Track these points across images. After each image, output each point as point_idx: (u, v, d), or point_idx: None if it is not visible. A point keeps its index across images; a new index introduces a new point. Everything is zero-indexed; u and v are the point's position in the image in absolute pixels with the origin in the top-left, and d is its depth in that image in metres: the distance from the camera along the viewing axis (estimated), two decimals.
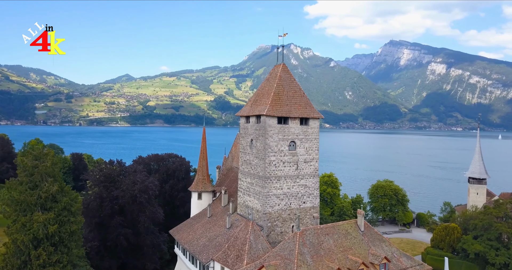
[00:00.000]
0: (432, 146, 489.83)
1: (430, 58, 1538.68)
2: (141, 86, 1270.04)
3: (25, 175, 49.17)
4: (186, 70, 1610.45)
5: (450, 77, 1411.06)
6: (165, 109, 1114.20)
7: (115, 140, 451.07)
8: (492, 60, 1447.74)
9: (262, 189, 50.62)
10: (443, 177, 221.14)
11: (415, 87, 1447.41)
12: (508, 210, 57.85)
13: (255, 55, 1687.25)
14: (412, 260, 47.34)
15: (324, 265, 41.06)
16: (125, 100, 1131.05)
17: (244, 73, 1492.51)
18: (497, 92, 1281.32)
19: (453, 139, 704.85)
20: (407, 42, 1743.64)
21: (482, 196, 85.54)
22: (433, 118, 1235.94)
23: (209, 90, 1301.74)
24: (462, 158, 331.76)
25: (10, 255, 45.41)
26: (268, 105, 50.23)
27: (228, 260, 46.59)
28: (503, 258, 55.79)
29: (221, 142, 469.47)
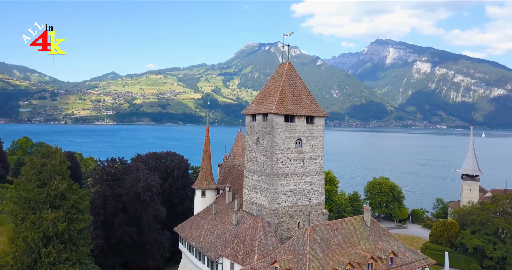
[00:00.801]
0: (418, 144, 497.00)
1: (416, 57, 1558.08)
2: (127, 84, 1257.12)
3: (33, 173, 49.16)
4: (173, 67, 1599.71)
5: (435, 76, 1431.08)
6: (152, 107, 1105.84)
7: (104, 139, 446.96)
8: (475, 59, 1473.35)
9: (270, 186, 51.41)
10: (433, 174, 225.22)
11: (400, 85, 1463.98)
12: (505, 205, 59.73)
13: (242, 53, 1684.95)
14: (417, 254, 48.73)
15: (335, 259, 42.06)
16: (111, 98, 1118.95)
17: (231, 71, 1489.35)
18: (480, 91, 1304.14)
19: (438, 137, 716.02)
20: (393, 41, 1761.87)
21: (475, 192, 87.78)
22: (418, 116, 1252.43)
23: (196, 88, 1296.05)
24: (449, 156, 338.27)
25: (21, 253, 45.42)
26: (275, 103, 50.97)
27: (238, 256, 47.28)
28: (501, 251, 57.65)
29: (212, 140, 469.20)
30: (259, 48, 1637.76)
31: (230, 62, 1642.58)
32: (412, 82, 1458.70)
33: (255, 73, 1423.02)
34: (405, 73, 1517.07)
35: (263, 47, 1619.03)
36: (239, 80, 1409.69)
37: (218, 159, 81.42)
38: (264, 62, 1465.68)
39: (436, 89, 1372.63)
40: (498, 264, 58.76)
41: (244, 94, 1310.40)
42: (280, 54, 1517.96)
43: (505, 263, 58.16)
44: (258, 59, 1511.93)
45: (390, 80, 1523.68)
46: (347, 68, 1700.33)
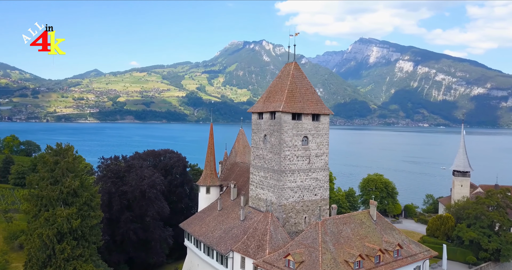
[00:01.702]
0: (402, 142, 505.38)
1: (398, 56, 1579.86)
2: (110, 82, 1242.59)
3: (46, 171, 49.73)
4: (157, 65, 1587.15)
5: (417, 74, 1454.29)
6: (136, 105, 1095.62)
7: (89, 137, 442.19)
8: (456, 59, 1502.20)
9: (278, 182, 52.90)
10: (420, 171, 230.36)
11: (383, 84, 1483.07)
12: (499, 199, 62.54)
13: (227, 51, 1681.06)
14: (420, 246, 50.97)
15: (345, 252, 43.85)
16: (94, 96, 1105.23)
17: (216, 69, 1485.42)
18: (461, 89, 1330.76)
19: (422, 135, 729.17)
20: (376, 40, 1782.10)
21: (466, 188, 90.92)
22: (401, 114, 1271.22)
23: (180, 86, 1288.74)
24: (433, 153, 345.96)
25: (36, 250, 45.95)
26: (283, 102, 52.43)
27: (249, 250, 48.66)
28: (495, 244, 60.42)
29: (198, 138, 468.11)
30: (243, 46, 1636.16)
31: (215, 60, 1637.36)
32: (395, 80, 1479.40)
33: (240, 71, 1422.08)
34: (388, 71, 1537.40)
35: (248, 45, 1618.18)
36: (224, 78, 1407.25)
37: (219, 157, 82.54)
38: (249, 60, 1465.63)
39: (419, 88, 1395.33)
40: (492, 255, 61.59)
41: (229, 92, 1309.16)
42: (265, 52, 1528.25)
43: (499, 255, 61.01)
44: (243, 57, 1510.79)
45: (374, 78, 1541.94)
46: (331, 66, 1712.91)
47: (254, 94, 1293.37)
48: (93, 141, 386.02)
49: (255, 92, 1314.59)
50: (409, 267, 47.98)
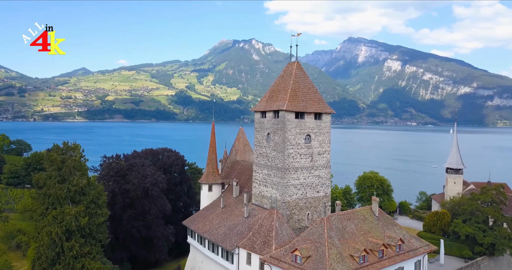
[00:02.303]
0: (392, 140, 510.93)
1: (387, 55, 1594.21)
2: (99, 80, 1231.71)
3: (53, 169, 50.15)
4: (146, 64, 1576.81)
5: (405, 73, 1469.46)
6: (125, 103, 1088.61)
7: (80, 136, 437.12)
8: (443, 58, 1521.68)
9: (281, 179, 53.99)
10: (411, 169, 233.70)
11: (372, 83, 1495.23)
12: (494, 196, 64.53)
13: (216, 50, 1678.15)
14: (421, 241, 52.55)
15: (350, 246, 45.14)
16: (82, 95, 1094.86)
17: (205, 68, 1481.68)
18: (448, 88, 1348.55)
19: (410, 134, 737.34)
20: (365, 39, 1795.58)
21: (459, 185, 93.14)
22: (389, 113, 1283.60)
23: (169, 85, 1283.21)
24: (422, 152, 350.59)
25: (45, 247, 46.41)
26: (287, 101, 53.51)
27: (255, 246, 49.67)
28: (490, 238, 62.39)
29: (189, 137, 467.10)
30: (233, 44, 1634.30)
31: (204, 58, 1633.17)
32: (383, 79, 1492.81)
33: (230, 69, 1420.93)
34: (377, 71, 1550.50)
35: (237, 44, 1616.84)
36: (214, 77, 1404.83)
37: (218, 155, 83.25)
38: (238, 59, 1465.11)
39: (406, 87, 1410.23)
40: (487, 250, 63.56)
41: (218, 91, 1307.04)
42: (255, 51, 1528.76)
43: (494, 249, 63.00)
44: (232, 55, 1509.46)
45: (362, 77, 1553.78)
46: (320, 65, 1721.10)
47: (244, 93, 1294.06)
48: (84, 140, 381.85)
49: (245, 91, 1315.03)
50: (410, 261, 49.51)
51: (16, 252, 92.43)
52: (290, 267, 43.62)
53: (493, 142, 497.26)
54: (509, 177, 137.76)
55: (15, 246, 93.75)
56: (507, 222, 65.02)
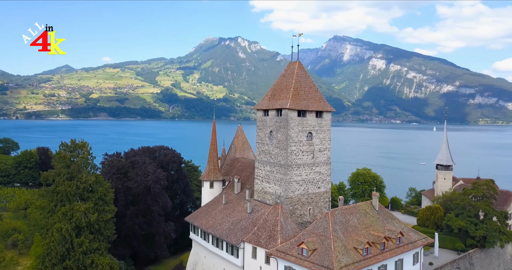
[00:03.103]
0: (378, 138, 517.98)
1: (371, 53, 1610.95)
2: (83, 78, 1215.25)
3: (62, 167, 50.86)
4: (131, 61, 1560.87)
5: (390, 72, 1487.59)
6: (109, 101, 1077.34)
7: (66, 135, 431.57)
8: (427, 57, 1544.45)
9: (284, 176, 55.58)
10: (399, 166, 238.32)
11: (357, 81, 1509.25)
12: (485, 190, 67.30)
13: (202, 47, 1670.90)
14: (418, 234, 54.83)
15: (354, 239, 47.02)
16: (66, 92, 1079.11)
17: (191, 65, 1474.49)
18: (431, 87, 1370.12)
19: (395, 131, 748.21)
20: (350, 38, 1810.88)
21: (448, 181, 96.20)
22: (374, 111, 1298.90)
23: (155, 82, 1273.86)
24: (408, 149, 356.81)
25: (56, 243, 47.22)
26: (290, 99, 55.07)
27: (260, 241, 51.18)
28: (482, 231, 65.16)
29: (176, 136, 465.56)
30: (219, 42, 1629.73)
31: (190, 56, 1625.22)
32: (368, 78, 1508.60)
33: (216, 67, 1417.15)
34: (362, 69, 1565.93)
35: (223, 41, 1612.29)
36: (199, 75, 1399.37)
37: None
38: (224, 57, 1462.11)
39: (391, 85, 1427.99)
40: (479, 242, 66.37)
41: (204, 89, 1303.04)
42: (241, 49, 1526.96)
43: (485, 241, 65.84)
44: (218, 53, 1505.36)
45: (348, 76, 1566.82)
46: (306, 64, 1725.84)
47: (230, 91, 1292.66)
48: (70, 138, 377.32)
49: (231, 89, 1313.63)
50: (409, 253, 51.69)
51: (12, 251, 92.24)
52: (297, 260, 45.26)
53: (476, 140, 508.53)
54: (494, 173, 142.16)
55: (11, 244, 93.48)
56: (497, 216, 67.87)
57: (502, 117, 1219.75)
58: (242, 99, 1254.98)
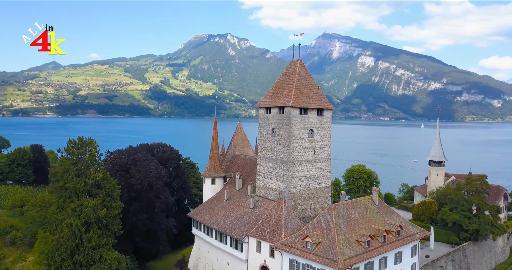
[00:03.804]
0: (367, 135, 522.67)
1: (360, 51, 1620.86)
2: (70, 75, 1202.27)
3: (71, 163, 51.64)
4: (119, 58, 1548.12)
5: (378, 69, 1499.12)
6: (98, 98, 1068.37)
7: (56, 132, 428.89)
8: (415, 54, 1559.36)
9: (287, 172, 57.12)
10: (390, 163, 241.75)
11: (346, 78, 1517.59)
12: (478, 185, 69.68)
13: (191, 44, 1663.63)
14: (417, 227, 56.89)
15: (356, 232, 48.78)
16: (53, 89, 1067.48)
17: (180, 62, 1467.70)
18: (419, 84, 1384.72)
19: (384, 128, 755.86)
20: (339, 35, 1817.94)
21: (441, 176, 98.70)
22: (363, 108, 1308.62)
23: (144, 79, 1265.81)
24: (398, 146, 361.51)
25: (66, 239, 48.10)
26: (292, 97, 56.57)
27: (265, 235, 52.67)
28: (475, 225, 67.55)
29: (166, 133, 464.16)
30: (208, 39, 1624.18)
31: (179, 53, 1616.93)
32: (357, 75, 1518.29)
33: (205, 64, 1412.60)
34: (351, 66, 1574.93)
35: (213, 38, 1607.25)
36: (189, 71, 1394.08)
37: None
38: (214, 54, 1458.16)
39: (379, 82, 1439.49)
40: (472, 235, 68.75)
41: (194, 86, 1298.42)
42: (230, 46, 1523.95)
43: (478, 234, 68.24)
44: (207, 50, 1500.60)
45: (337, 73, 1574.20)
46: None
47: (220, 88, 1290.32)
48: (61, 136, 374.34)
49: (220, 86, 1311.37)
50: (408, 246, 53.68)
51: (9, 248, 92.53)
52: (302, 253, 46.83)
53: (465, 137, 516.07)
54: (484, 169, 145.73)
55: (10, 242, 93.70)
56: (490, 210, 70.34)
57: (488, 114, 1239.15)
58: (232, 96, 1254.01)
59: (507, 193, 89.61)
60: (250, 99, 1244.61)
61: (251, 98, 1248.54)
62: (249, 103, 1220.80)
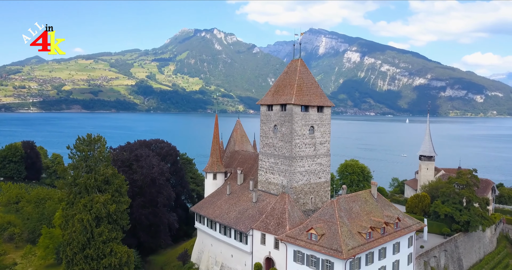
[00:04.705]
0: (354, 130, 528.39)
1: (346, 46, 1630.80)
2: (54, 69, 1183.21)
3: (80, 160, 52.83)
4: (104, 52, 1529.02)
5: (364, 65, 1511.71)
6: (83, 94, 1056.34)
7: (42, 128, 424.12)
8: (400, 50, 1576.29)
9: (289, 167, 59.19)
10: (380, 158, 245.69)
11: (332, 74, 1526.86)
12: (468, 179, 72.86)
13: (177, 39, 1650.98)
14: (413, 219, 59.63)
15: (358, 224, 51.17)
16: (37, 84, 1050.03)
17: (166, 57, 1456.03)
18: (404, 79, 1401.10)
19: (370, 123, 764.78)
20: (326, 31, 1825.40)
21: (431, 171, 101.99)
22: (349, 103, 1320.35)
23: (129, 74, 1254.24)
24: (384, 141, 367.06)
25: (78, 233, 49.43)
26: (294, 95, 58.54)
27: (269, 228, 54.73)
28: (466, 216, 70.77)
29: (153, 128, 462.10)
30: (194, 34, 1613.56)
31: (165, 47, 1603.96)
32: (343, 71, 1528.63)
33: (192, 59, 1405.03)
34: (337, 62, 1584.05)
35: (199, 33, 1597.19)
36: (175, 66, 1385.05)
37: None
38: (200, 49, 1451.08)
39: (365, 78, 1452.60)
40: (463, 227, 72.02)
41: (180, 81, 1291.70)
42: (217, 41, 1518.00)
43: (468, 226, 71.54)
44: (194, 45, 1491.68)
45: (323, 68, 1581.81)
46: (282, 56, 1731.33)
47: (207, 83, 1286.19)
48: (48, 132, 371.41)
49: (207, 81, 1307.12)
50: (405, 237, 56.35)
51: (7, 244, 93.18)
52: (307, 244, 49.03)
53: (450, 132, 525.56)
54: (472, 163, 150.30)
55: (8, 238, 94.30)
56: (479, 202, 73.64)
57: (471, 109, 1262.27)
58: (219, 91, 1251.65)
59: (495, 187, 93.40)
60: (237, 94, 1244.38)
61: (238, 93, 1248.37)
62: (236, 98, 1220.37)
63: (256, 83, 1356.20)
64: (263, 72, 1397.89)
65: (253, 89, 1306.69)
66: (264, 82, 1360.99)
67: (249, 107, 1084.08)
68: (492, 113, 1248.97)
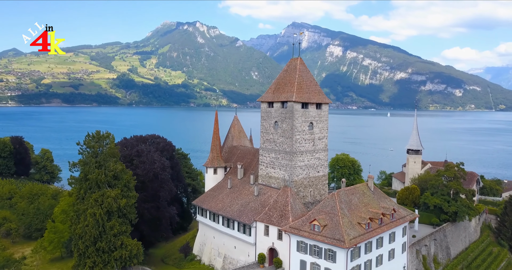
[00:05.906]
0: (337, 124, 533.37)
1: (329, 41, 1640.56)
2: (33, 62, 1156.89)
3: (90, 156, 54.36)
4: (84, 45, 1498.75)
5: (346, 59, 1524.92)
6: (63, 87, 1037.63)
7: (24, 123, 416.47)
8: (381, 45, 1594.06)
9: (290, 162, 61.82)
10: (366, 151, 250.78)
11: (315, 68, 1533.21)
12: (456, 172, 76.84)
13: (159, 32, 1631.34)
14: (407, 210, 63.17)
15: (357, 216, 54.22)
16: (15, 77, 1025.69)
17: (148, 50, 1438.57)
18: (386, 74, 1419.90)
19: (352, 117, 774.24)
20: (308, 25, 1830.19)
21: (418, 164, 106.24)
22: (331, 97, 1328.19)
23: (111, 67, 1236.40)
24: (368, 135, 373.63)
25: (90, 227, 51.18)
26: (294, 93, 61.06)
27: (273, 220, 57.34)
28: (454, 207, 74.80)
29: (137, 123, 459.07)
30: (177, 27, 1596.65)
31: (147, 40, 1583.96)
32: (326, 65, 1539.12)
33: (174, 52, 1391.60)
34: (320, 56, 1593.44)
35: (181, 26, 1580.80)
36: (157, 60, 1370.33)
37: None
38: (182, 42, 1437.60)
39: (348, 72, 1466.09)
40: (451, 217, 76.11)
41: (162, 74, 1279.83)
42: (199, 34, 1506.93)
43: (456, 216, 75.62)
44: (176, 38, 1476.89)
45: (306, 62, 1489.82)
46: (265, 50, 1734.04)
47: (189, 77, 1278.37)
48: (30, 126, 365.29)
49: (190, 74, 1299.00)
50: (400, 227, 59.73)
51: (4, 240, 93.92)
52: (310, 235, 51.82)
53: (431, 125, 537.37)
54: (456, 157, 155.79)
55: (5, 233, 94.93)
56: (466, 194, 77.77)
57: (450, 103, 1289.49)
58: (202, 84, 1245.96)
59: (479, 179, 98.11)
60: (220, 88, 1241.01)
61: (221, 87, 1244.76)
62: (219, 92, 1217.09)
63: (239, 76, 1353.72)
64: (246, 66, 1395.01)
65: (236, 83, 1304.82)
66: (248, 76, 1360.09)
67: (233, 101, 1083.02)
68: (470, 106, 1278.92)
